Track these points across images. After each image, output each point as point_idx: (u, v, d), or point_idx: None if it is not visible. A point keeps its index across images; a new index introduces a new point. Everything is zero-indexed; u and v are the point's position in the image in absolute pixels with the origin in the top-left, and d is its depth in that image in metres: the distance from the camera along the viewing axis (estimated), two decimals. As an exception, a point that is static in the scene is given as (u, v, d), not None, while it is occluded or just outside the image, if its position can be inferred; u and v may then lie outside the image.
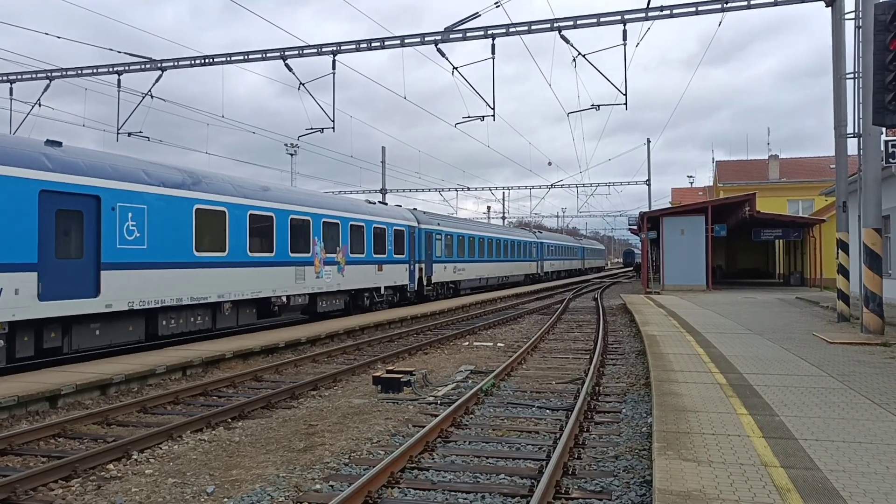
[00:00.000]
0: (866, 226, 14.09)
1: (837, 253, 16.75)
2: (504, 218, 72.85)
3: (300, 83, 20.28)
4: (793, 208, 50.72)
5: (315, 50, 19.83)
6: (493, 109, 19.65)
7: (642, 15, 17.60)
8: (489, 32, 18.52)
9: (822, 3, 16.83)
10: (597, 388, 10.98)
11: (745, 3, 17.03)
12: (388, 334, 18.62)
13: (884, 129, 14.30)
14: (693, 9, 17.47)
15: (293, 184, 50.75)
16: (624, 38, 17.77)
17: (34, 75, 22.63)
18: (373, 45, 19.43)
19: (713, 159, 64.79)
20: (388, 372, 11.44)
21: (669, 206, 57.22)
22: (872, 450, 5.91)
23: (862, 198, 14.29)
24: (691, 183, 78.29)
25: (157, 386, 11.82)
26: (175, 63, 20.96)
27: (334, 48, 19.64)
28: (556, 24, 18.15)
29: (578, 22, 18.12)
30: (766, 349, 12.29)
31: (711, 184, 66.33)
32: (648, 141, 50.52)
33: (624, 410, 9.51)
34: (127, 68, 21.38)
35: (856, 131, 15.12)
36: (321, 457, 7.46)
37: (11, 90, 22.85)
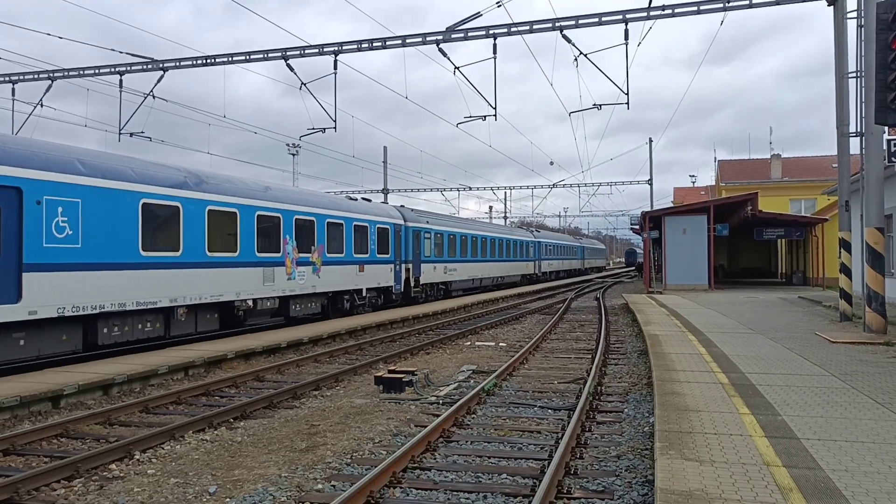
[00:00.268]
0: (869, 225, 14.07)
1: (840, 252, 16.73)
2: (506, 218, 72.80)
3: (302, 83, 20.29)
4: (795, 207, 50.65)
5: (317, 50, 19.83)
6: (495, 109, 19.65)
7: (644, 14, 17.58)
8: (491, 32, 18.51)
9: (824, 2, 16.79)
10: (599, 388, 10.97)
11: (747, 3, 17.00)
12: (389, 334, 18.63)
13: (886, 128, 14.28)
14: (695, 8, 17.45)
15: (295, 184, 50.79)
16: (625, 37, 17.77)
17: (36, 76, 22.66)
18: (374, 45, 19.43)
19: (715, 158, 64.78)
20: (390, 372, 11.44)
21: (671, 205, 57.21)
22: (875, 449, 5.90)
23: (864, 197, 14.27)
24: (693, 182, 78.29)
25: (160, 386, 11.84)
26: (177, 63, 20.98)
27: (336, 48, 19.65)
28: (557, 24, 18.14)
29: (580, 21, 18.10)
30: (768, 349, 12.27)
31: (714, 183, 66.28)
32: (650, 140, 50.44)
33: (626, 410, 9.50)
34: (129, 68, 21.40)
35: (858, 130, 15.10)
36: (323, 457, 7.46)
37: (14, 90, 22.91)
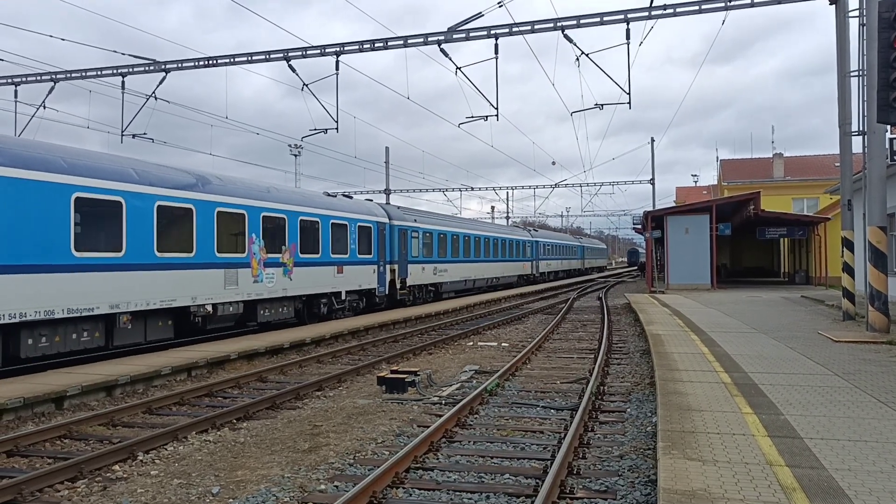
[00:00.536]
0: (871, 224, 14.05)
1: (842, 251, 16.70)
2: (508, 218, 72.79)
3: (304, 84, 20.30)
4: (797, 207, 50.58)
5: (319, 51, 19.85)
6: (497, 109, 19.66)
7: (645, 14, 17.56)
8: (492, 32, 18.51)
9: (826, 1, 16.77)
10: (601, 388, 10.96)
11: (749, 2, 16.98)
12: (392, 334, 18.64)
13: (888, 127, 14.27)
14: (696, 7, 17.43)
15: (297, 185, 50.78)
16: (627, 37, 17.76)
17: (39, 77, 22.70)
18: (376, 45, 19.44)
19: (717, 158, 64.80)
20: (393, 372, 11.44)
21: (674, 205, 57.15)
22: (878, 448, 5.90)
23: (867, 196, 14.25)
24: (695, 182, 78.38)
25: (163, 387, 11.85)
26: (179, 65, 21.02)
27: (338, 49, 19.66)
28: (559, 24, 18.14)
29: (581, 21, 18.09)
30: (771, 348, 12.26)
31: (716, 182, 66.18)
32: (652, 140, 50.34)
33: (629, 410, 9.50)
34: (131, 70, 21.43)
35: (861, 129, 15.09)
36: (326, 457, 7.47)
37: (16, 92, 22.95)
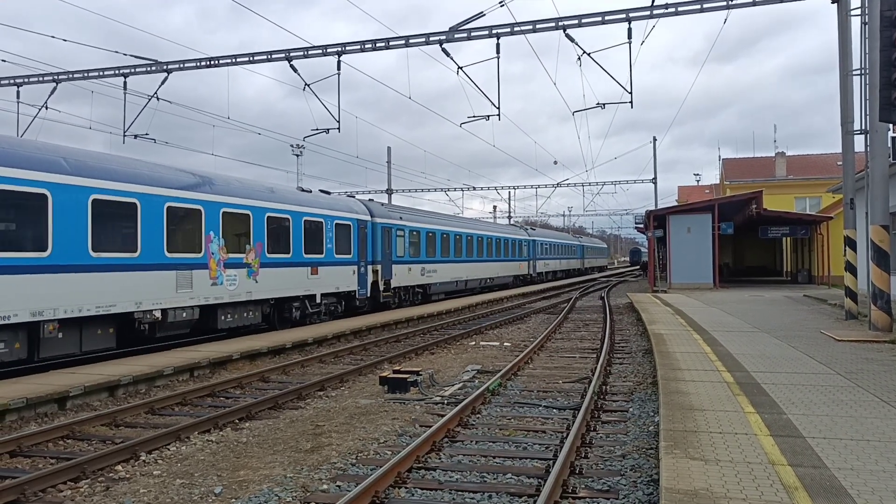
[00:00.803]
0: (874, 223, 14.04)
1: (845, 250, 16.68)
2: (510, 217, 72.79)
3: (305, 84, 20.30)
4: (800, 206, 50.52)
5: (320, 51, 19.86)
6: (499, 109, 19.65)
7: (647, 13, 17.54)
8: (494, 32, 18.50)
9: (828, 0, 16.75)
10: (604, 387, 10.96)
11: (750, 1, 16.96)
12: (394, 334, 18.65)
13: (891, 126, 14.23)
14: (697, 6, 17.41)
15: (300, 185, 50.79)
16: (629, 36, 17.73)
17: (41, 78, 22.73)
18: (378, 45, 19.44)
19: (720, 157, 64.69)
20: (395, 372, 11.45)
21: (676, 204, 57.04)
22: (881, 448, 5.89)
23: (869, 195, 14.23)
24: (698, 181, 78.18)
25: (165, 387, 11.87)
26: (181, 65, 21.04)
27: (339, 49, 19.66)
28: (560, 23, 18.13)
29: (583, 20, 18.08)
30: (773, 347, 12.25)
31: (718, 182, 66.13)
32: (654, 139, 50.32)
33: (631, 409, 9.49)
34: (133, 70, 21.45)
35: (863, 128, 15.06)
36: (328, 457, 7.48)
37: (18, 93, 22.97)
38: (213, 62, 20.74)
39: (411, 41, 19.26)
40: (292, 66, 20.03)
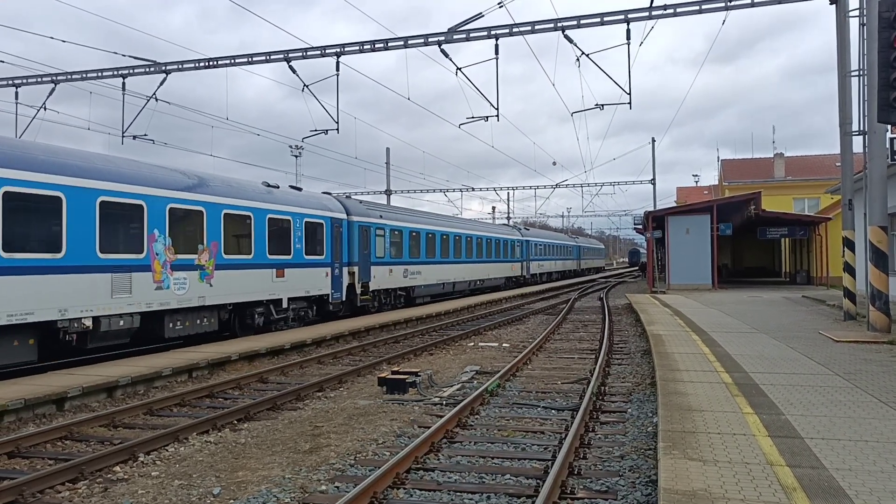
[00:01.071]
0: (872, 224, 14.05)
1: (843, 251, 16.69)
2: (509, 218, 72.78)
3: (304, 85, 20.31)
4: (798, 206, 50.58)
5: (319, 52, 19.86)
6: (497, 110, 19.66)
7: (645, 14, 17.55)
8: (493, 33, 18.51)
9: (826, 1, 16.77)
10: (602, 388, 10.96)
11: (749, 2, 16.97)
12: (393, 335, 18.64)
13: (889, 127, 14.26)
14: (696, 7, 17.43)
15: (298, 186, 50.70)
16: (628, 37, 17.75)
17: (39, 79, 22.71)
18: (376, 46, 19.45)
19: (718, 158, 64.58)
20: (394, 373, 11.44)
21: (674, 205, 57.08)
22: (879, 448, 5.89)
23: (868, 195, 14.25)
24: (696, 182, 78.35)
25: (163, 388, 11.86)
26: (179, 66, 21.03)
27: (338, 50, 19.67)
28: (559, 24, 18.13)
29: (582, 21, 18.09)
30: (771, 348, 12.25)
31: (717, 182, 66.17)
32: (653, 140, 50.30)
33: (629, 410, 9.50)
34: (131, 71, 21.44)
35: (861, 129, 15.08)
36: (327, 458, 7.47)
37: (17, 94, 22.97)
38: (211, 63, 20.73)
39: (410, 42, 19.26)
40: (291, 67, 20.03)
